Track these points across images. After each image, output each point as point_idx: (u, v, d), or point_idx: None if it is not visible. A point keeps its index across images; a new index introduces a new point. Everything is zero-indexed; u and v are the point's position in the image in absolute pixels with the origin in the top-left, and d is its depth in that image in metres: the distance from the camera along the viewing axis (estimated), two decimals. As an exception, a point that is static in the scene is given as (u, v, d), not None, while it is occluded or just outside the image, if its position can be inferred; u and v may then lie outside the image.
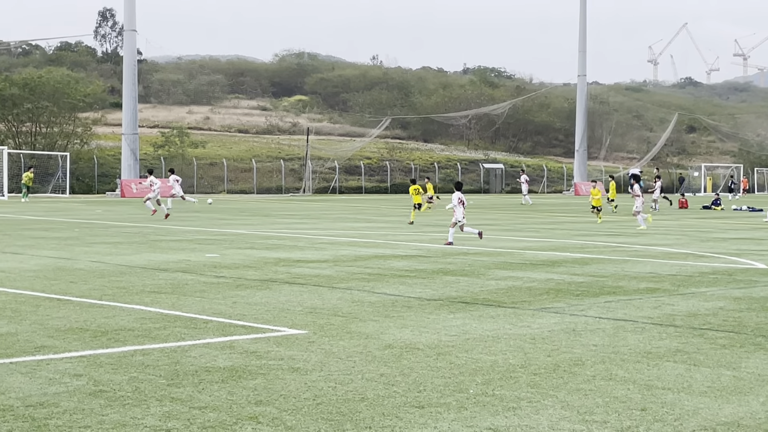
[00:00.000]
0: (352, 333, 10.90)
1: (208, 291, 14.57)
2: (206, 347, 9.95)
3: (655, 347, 10.23)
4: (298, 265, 18.78)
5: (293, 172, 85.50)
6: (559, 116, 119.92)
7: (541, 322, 11.88)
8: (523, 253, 22.16)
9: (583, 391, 8.14)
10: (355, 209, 49.09)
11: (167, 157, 79.66)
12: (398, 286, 15.38)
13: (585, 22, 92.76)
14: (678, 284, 16.10)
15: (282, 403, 7.64)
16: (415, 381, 8.48)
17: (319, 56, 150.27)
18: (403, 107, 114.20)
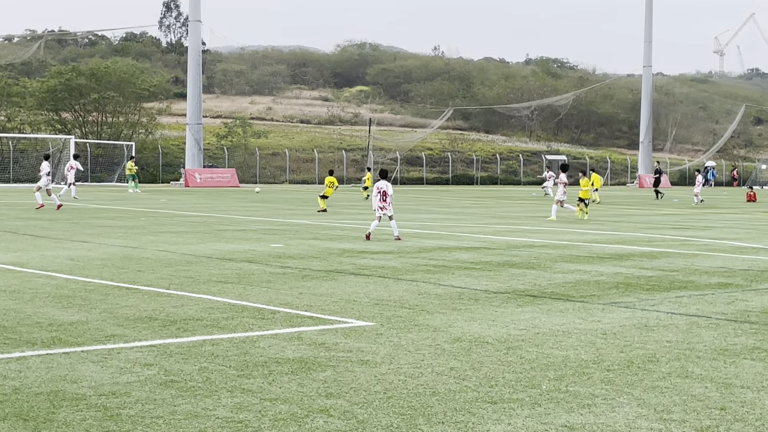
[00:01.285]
0: (420, 325, 10.81)
1: (274, 281, 14.58)
2: (274, 338, 9.93)
3: (731, 344, 9.99)
4: (362, 256, 18.73)
5: (355, 162, 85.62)
6: (623, 107, 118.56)
7: (611, 316, 11.68)
8: (590, 246, 21.88)
9: (659, 389, 7.96)
10: (417, 200, 48.98)
11: (230, 147, 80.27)
12: (464, 279, 15.25)
13: (651, 12, 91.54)
14: (751, 279, 15.76)
15: (352, 396, 7.57)
16: (486, 375, 8.37)
17: (380, 47, 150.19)
18: (464, 98, 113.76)
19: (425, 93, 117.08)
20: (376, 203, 22.48)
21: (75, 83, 74.82)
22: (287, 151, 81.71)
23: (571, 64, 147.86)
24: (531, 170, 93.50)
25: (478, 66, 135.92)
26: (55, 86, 74.43)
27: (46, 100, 74.74)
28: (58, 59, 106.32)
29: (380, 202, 22.37)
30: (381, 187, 22.57)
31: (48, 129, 74.44)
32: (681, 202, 51.35)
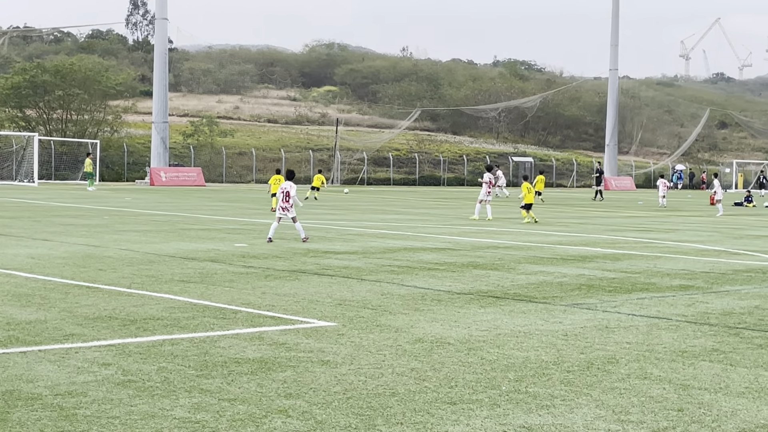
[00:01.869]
0: (382, 326, 10.80)
1: (237, 281, 14.51)
2: (235, 338, 9.88)
3: (691, 346, 10.05)
4: (326, 256, 18.69)
5: (322, 162, 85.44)
6: (589, 110, 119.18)
7: (573, 318, 11.73)
8: (554, 247, 21.97)
9: (618, 390, 8.00)
10: (384, 201, 48.99)
11: (196, 146, 79.87)
12: (428, 279, 15.26)
13: (618, 16, 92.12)
14: (712, 282, 15.88)
15: (312, 397, 7.54)
16: (447, 376, 8.37)
17: (348, 47, 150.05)
18: (432, 99, 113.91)
19: (393, 94, 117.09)
20: (279, 204, 21.94)
21: (40, 80, 74.09)
22: (254, 151, 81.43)
23: (538, 66, 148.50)
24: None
25: (446, 67, 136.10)
26: (20, 83, 73.66)
27: (10, 97, 73.95)
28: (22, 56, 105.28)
29: (283, 203, 21.78)
30: (285, 187, 21.89)
31: (12, 126, 73.69)
32: (645, 205, 51.69)
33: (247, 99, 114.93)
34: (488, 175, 33.96)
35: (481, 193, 33.29)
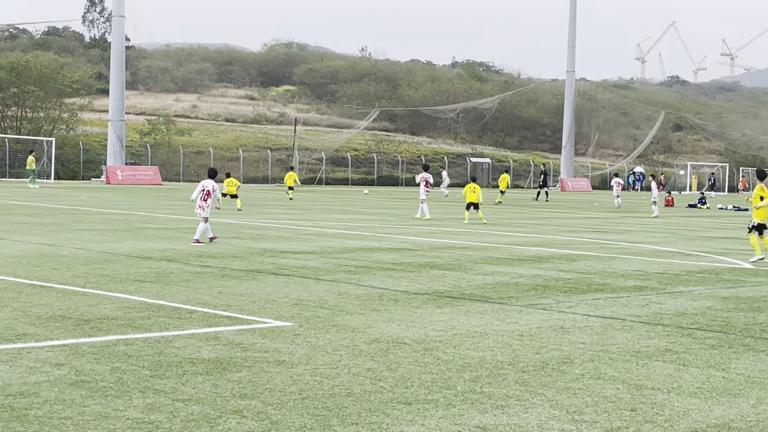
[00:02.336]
0: (339, 326, 10.79)
1: (193, 280, 14.42)
2: (191, 338, 9.82)
3: (644, 346, 10.15)
4: (283, 256, 18.64)
5: (280, 162, 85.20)
6: (546, 112, 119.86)
7: (528, 318, 11.79)
8: (510, 248, 22.08)
9: (572, 390, 8.05)
10: (342, 201, 48.95)
11: (153, 145, 79.30)
12: (385, 279, 15.27)
13: (575, 18, 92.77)
14: (665, 283, 16.04)
15: (267, 397, 7.52)
16: (402, 376, 8.37)
17: (307, 47, 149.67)
18: (391, 99, 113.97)
19: (352, 94, 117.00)
20: (198, 203, 21.25)
21: (-6, 77, 73.21)
22: (212, 150, 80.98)
23: (496, 67, 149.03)
24: (456, 172, 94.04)
25: (405, 68, 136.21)
26: (-26, 80, 72.73)
27: (-36, 94, 73.00)
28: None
29: (201, 201, 21.15)
30: (206, 186, 21.24)
31: (-35, 123, 72.74)
32: (601, 206, 52.10)
33: (205, 98, 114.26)
34: (423, 175, 34.37)
35: (421, 192, 33.84)
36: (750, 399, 7.94)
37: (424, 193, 33.88)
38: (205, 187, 21.28)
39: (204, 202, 21.15)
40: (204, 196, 21.20)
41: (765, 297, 14.48)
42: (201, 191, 21.26)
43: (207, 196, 21.18)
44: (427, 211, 33.66)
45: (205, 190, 21.24)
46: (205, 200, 21.16)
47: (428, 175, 34.72)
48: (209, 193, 21.20)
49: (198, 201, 21.29)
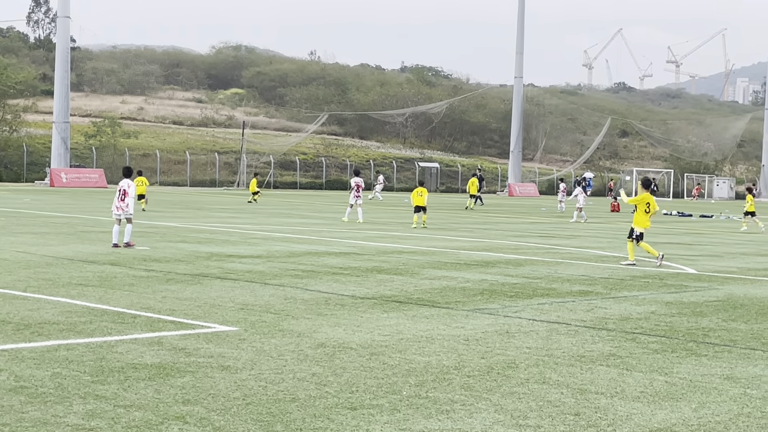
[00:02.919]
0: (284, 331, 10.72)
1: (137, 285, 14.26)
2: (133, 343, 9.70)
3: (588, 351, 10.21)
4: (230, 260, 18.51)
5: (228, 165, 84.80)
6: (494, 117, 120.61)
7: (474, 323, 11.81)
8: (458, 252, 22.14)
9: (517, 395, 8.07)
10: (290, 204, 48.79)
11: (98, 147, 78.47)
12: (332, 284, 15.22)
13: (523, 25, 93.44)
14: (610, 287, 16.18)
15: (210, 403, 7.43)
16: (348, 381, 8.33)
17: (256, 49, 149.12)
18: (340, 103, 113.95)
19: (300, 97, 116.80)
20: (114, 204, 20.64)
21: (-65, 77, 72.00)
22: (158, 153, 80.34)
23: (445, 72, 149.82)
24: (404, 177, 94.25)
25: (354, 72, 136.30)
26: None
27: None
28: None
29: (118, 202, 20.53)
30: (122, 186, 20.61)
31: None
32: (548, 211, 52.51)
33: (152, 100, 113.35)
34: (356, 180, 34.83)
35: (351, 196, 34.49)
36: (692, 403, 8.02)
37: (354, 197, 34.35)
38: (121, 187, 20.63)
39: (122, 202, 20.47)
40: (121, 196, 20.52)
41: (707, 302, 14.66)
42: (118, 192, 20.60)
43: (124, 195, 20.49)
44: (361, 215, 34.12)
45: (121, 189, 20.57)
46: (122, 200, 20.48)
47: (360, 180, 35.12)
48: (126, 192, 20.52)
49: (115, 202, 20.62)
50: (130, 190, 20.63)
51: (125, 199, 20.50)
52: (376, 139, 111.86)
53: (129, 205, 20.52)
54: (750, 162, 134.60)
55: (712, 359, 9.97)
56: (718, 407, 7.90)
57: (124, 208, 20.48)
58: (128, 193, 20.55)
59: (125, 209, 20.47)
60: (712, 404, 8.00)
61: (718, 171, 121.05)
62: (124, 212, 20.46)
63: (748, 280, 18.13)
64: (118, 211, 20.51)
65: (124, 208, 20.48)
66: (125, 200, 20.50)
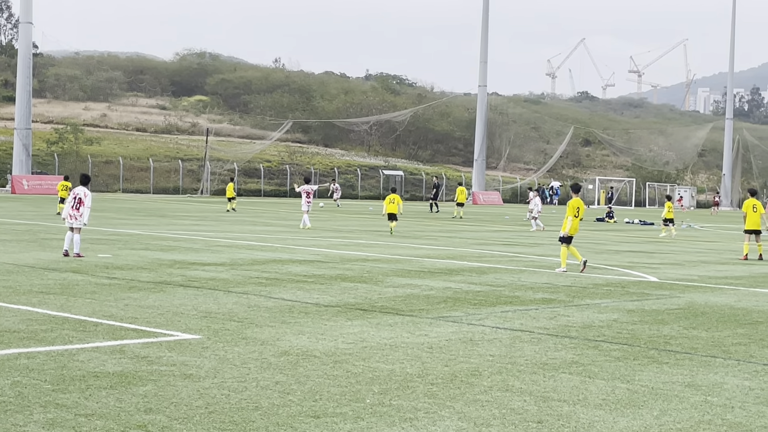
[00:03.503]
0: (248, 339, 10.68)
1: (99, 292, 14.15)
2: (95, 351, 9.62)
3: (551, 358, 10.26)
4: (193, 267, 18.42)
5: (191, 172, 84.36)
6: (459, 125, 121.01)
7: (438, 330, 11.83)
8: (422, 260, 22.17)
9: (480, 402, 8.09)
10: (254, 212, 48.62)
11: (61, 154, 77.81)
12: (295, 292, 15.19)
13: (487, 34, 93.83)
14: (573, 295, 16.27)
15: (173, 411, 7.39)
16: (311, 389, 8.32)
17: (220, 56, 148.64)
18: (304, 111, 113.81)
19: (265, 105, 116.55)
20: (67, 211, 19.92)
21: None
22: (121, 160, 79.78)
23: (409, 81, 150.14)
24: (369, 184, 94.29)
25: (319, 79, 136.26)
26: None
27: None
28: None
29: (72, 210, 19.82)
30: (77, 193, 19.97)
31: None
32: (511, 219, 52.72)
33: (115, 107, 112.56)
34: (305, 187, 35.28)
35: (302, 203, 34.88)
36: (653, 410, 8.08)
37: (305, 204, 34.72)
38: (76, 194, 20.03)
39: (76, 211, 19.85)
40: (76, 204, 19.92)
41: (669, 310, 14.79)
42: (73, 200, 20.00)
43: (79, 204, 19.91)
44: (308, 221, 34.48)
45: (77, 197, 19.98)
46: (77, 209, 19.87)
47: (309, 187, 35.57)
48: (81, 201, 19.94)
49: (68, 209, 19.98)
50: (86, 199, 19.99)
51: (80, 208, 19.87)
52: (341, 146, 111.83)
53: (83, 215, 19.90)
54: (711, 171, 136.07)
55: (673, 367, 10.05)
56: (680, 414, 7.97)
57: (77, 217, 19.85)
58: (83, 202, 19.92)
59: (78, 218, 19.86)
60: (674, 411, 8.07)
61: (679, 180, 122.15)
62: (76, 221, 19.85)
63: (708, 288, 18.32)
64: (71, 219, 19.86)
65: (78, 217, 19.86)
66: (80, 209, 19.87)
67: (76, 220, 19.83)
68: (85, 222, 20.01)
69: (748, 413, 8.12)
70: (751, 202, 27.37)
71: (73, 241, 19.79)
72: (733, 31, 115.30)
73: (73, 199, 20.00)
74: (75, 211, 19.86)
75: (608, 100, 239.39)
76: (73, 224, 19.82)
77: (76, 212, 19.86)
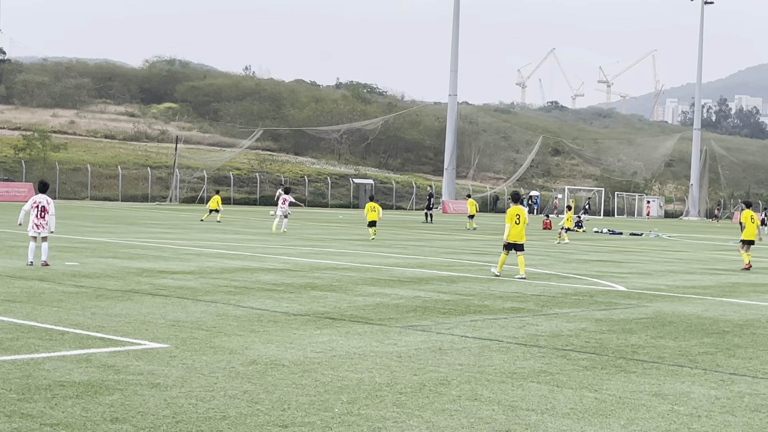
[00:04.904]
0: (216, 348, 10.63)
1: (66, 301, 14.04)
2: (61, 360, 9.54)
3: (520, 368, 10.28)
4: (161, 276, 18.32)
5: (160, 180, 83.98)
6: (429, 134, 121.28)
7: (407, 339, 11.83)
8: (391, 269, 22.17)
9: (449, 412, 8.09)
10: (223, 220, 48.45)
11: (28, 161, 77.20)
12: (265, 300, 15.14)
13: (457, 42, 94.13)
14: (542, 304, 16.32)
15: (139, 421, 7.33)
16: (280, 399, 8.29)
17: (190, 64, 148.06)
18: (274, 119, 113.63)
19: (235, 113, 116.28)
20: (32, 221, 19.50)
21: None
22: (89, 167, 79.27)
23: (380, 89, 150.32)
24: (339, 193, 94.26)
25: (289, 88, 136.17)
26: None
27: None
28: None
29: (37, 219, 19.46)
30: (39, 201, 19.59)
31: None
32: (480, 229, 52.83)
33: (84, 113, 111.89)
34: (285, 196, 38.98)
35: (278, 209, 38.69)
36: (621, 420, 8.11)
37: (280, 209, 38.27)
38: (38, 203, 19.63)
39: (42, 219, 19.49)
40: (40, 213, 19.54)
41: (637, 319, 14.87)
42: (33, 207, 19.60)
43: (43, 212, 19.55)
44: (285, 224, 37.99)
45: (39, 205, 19.59)
46: (42, 217, 19.50)
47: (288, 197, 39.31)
48: (45, 208, 19.59)
49: (32, 219, 19.54)
50: (49, 206, 19.67)
51: (45, 216, 19.56)
52: (311, 155, 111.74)
53: (49, 223, 19.60)
54: (679, 181, 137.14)
55: (640, 376, 10.10)
56: (647, 424, 8.01)
57: (44, 226, 19.54)
58: (47, 209, 19.60)
59: (45, 227, 19.56)
60: (641, 421, 8.10)
61: (647, 190, 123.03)
62: (43, 230, 19.54)
63: (676, 298, 18.44)
64: (38, 228, 19.50)
65: (44, 226, 19.55)
66: (45, 217, 19.55)
67: (43, 229, 19.53)
68: (52, 230, 19.76)
69: (715, 422, 8.17)
70: (749, 213, 28.62)
71: (41, 250, 19.51)
72: (701, 43, 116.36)
73: (35, 208, 19.60)
74: (41, 219, 19.54)
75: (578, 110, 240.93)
76: (41, 233, 19.52)
77: (42, 221, 19.53)
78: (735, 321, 15.12)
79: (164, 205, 74.29)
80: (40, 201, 19.67)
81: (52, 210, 19.76)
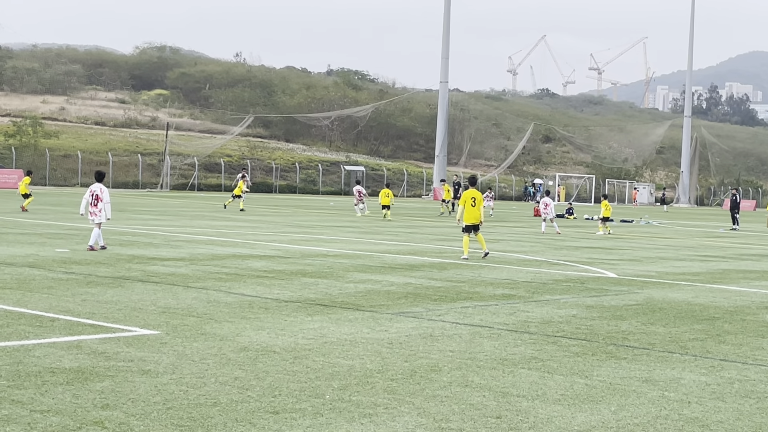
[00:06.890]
0: (207, 334, 10.62)
1: (57, 287, 14.01)
2: (51, 347, 9.52)
3: (511, 354, 10.29)
4: (152, 262, 18.29)
5: (151, 167, 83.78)
6: (420, 121, 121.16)
7: (399, 326, 11.83)
8: (383, 256, 22.17)
9: (440, 398, 8.10)
10: (214, 207, 48.39)
11: (18, 148, 76.95)
12: (255, 287, 15.12)
13: (449, 29, 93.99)
14: (533, 291, 16.34)
15: (130, 407, 7.33)
16: (271, 385, 8.28)
17: (181, 50, 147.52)
18: (265, 106, 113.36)
19: (226, 99, 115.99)
20: (84, 207, 20.62)
21: None
22: (80, 153, 79.03)
23: (371, 76, 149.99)
24: (330, 180, 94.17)
25: (280, 74, 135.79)
26: None
27: None
28: None
29: (91, 207, 20.49)
30: (94, 190, 20.59)
31: None
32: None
33: (74, 100, 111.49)
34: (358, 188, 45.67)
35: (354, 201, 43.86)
36: (611, 406, 8.13)
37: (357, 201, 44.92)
38: (93, 192, 20.56)
39: (95, 207, 20.41)
40: (93, 201, 20.44)
41: (627, 305, 14.90)
42: (90, 196, 20.53)
43: (97, 200, 20.43)
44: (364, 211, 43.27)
45: (94, 194, 20.50)
46: (95, 205, 20.42)
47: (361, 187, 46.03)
48: (98, 197, 20.46)
49: (88, 206, 20.53)
50: (103, 195, 20.47)
51: (98, 204, 20.38)
52: (302, 142, 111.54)
53: (102, 210, 20.39)
54: (669, 168, 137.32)
55: (631, 362, 10.12)
56: (637, 410, 8.03)
57: (96, 213, 20.37)
58: (101, 197, 20.41)
59: (98, 214, 20.36)
60: (631, 407, 8.13)
61: (638, 177, 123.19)
62: (97, 217, 20.34)
63: (666, 284, 18.48)
64: (91, 216, 20.40)
65: (97, 213, 20.37)
66: (98, 205, 20.38)
67: (97, 216, 20.37)
68: (108, 216, 20.59)
69: (705, 408, 8.20)
70: None
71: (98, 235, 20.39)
72: (692, 30, 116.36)
73: (90, 195, 20.52)
74: (94, 207, 20.42)
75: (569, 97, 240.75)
76: (95, 220, 20.38)
77: (95, 208, 20.40)
78: (725, 307, 15.16)
79: (155, 192, 74.16)
80: (95, 189, 20.60)
81: (106, 198, 20.63)
